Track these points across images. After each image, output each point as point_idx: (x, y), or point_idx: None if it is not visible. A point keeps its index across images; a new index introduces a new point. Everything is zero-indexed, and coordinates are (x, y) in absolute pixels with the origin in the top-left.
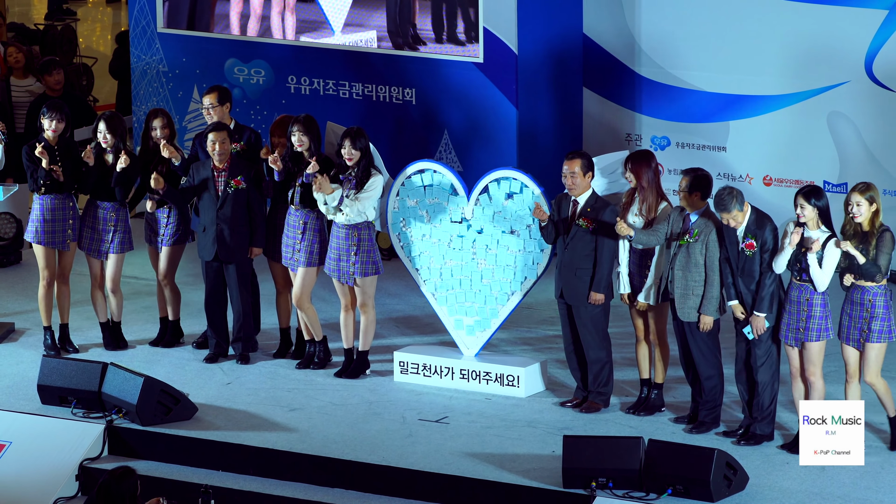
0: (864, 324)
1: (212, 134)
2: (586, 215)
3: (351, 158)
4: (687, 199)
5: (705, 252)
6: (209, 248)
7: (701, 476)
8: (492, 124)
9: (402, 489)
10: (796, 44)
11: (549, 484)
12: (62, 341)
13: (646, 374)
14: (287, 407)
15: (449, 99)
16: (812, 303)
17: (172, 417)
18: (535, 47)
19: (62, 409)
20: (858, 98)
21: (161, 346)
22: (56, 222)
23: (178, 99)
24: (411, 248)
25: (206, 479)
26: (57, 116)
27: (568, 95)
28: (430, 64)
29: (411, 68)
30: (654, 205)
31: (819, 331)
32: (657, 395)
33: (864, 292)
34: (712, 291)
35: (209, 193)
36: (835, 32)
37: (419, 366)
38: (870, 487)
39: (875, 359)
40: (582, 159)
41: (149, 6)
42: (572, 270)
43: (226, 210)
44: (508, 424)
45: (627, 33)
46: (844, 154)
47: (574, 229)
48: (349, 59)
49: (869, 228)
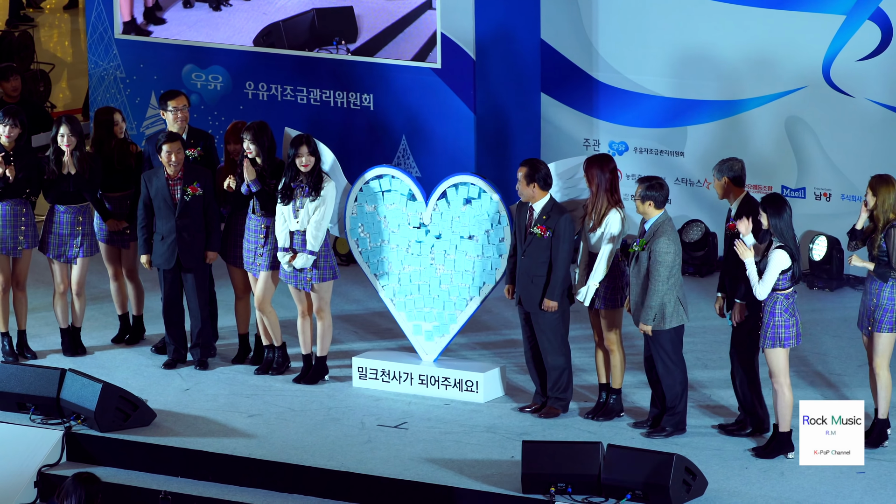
0: (871, 314)
1: (166, 145)
2: (542, 223)
3: (307, 165)
4: (641, 207)
5: (648, 261)
6: (168, 256)
7: (660, 481)
8: (450, 130)
9: (362, 495)
10: (754, 49)
11: (509, 489)
12: (20, 347)
13: (604, 378)
14: (246, 413)
15: (407, 104)
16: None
17: (131, 423)
18: (493, 53)
19: (20, 416)
20: (816, 103)
21: (124, 345)
22: (7, 228)
23: (136, 105)
24: (369, 254)
25: (166, 485)
26: (11, 122)
27: (526, 101)
28: (387, 69)
29: (369, 74)
30: (602, 210)
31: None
32: (615, 399)
33: (872, 282)
34: (649, 301)
35: (166, 202)
36: (792, 38)
37: (378, 371)
38: (829, 493)
39: (882, 349)
40: (527, 168)
41: (106, 12)
42: (529, 277)
43: (184, 218)
44: (467, 430)
45: (585, 38)
46: (802, 159)
47: (530, 237)
48: (306, 65)
49: (877, 219)
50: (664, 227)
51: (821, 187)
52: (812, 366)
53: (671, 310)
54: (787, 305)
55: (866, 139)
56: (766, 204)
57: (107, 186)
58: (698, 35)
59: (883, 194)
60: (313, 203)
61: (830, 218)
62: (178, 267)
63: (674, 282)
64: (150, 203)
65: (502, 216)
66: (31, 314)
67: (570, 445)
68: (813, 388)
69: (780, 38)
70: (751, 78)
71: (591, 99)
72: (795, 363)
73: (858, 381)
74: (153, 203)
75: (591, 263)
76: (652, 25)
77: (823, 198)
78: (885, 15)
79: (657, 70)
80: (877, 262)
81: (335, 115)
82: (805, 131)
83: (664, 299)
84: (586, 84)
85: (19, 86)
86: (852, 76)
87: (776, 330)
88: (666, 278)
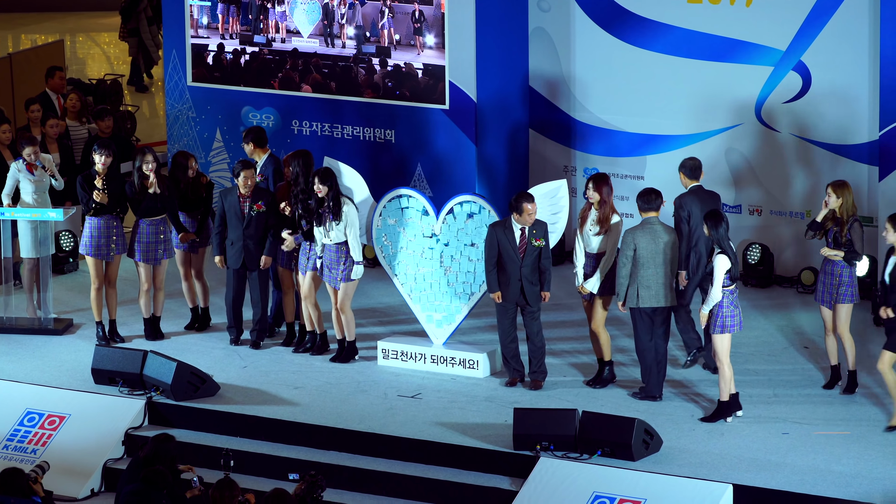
0: (833, 289)
1: (243, 171)
2: (535, 236)
3: (320, 191)
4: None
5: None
6: (235, 258)
7: (624, 440)
8: (456, 159)
9: (385, 451)
10: (700, 93)
11: (503, 447)
12: (111, 333)
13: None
14: (292, 386)
15: (422, 138)
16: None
17: (200, 394)
18: (491, 96)
19: (111, 388)
20: (750, 137)
21: (194, 331)
22: (101, 238)
23: (204, 139)
24: (391, 258)
25: (227, 443)
26: (106, 153)
27: (517, 135)
28: (406, 110)
29: (391, 114)
30: (608, 216)
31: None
32: (609, 370)
33: (834, 265)
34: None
35: (236, 215)
36: (731, 84)
37: (398, 352)
38: (760, 449)
39: (844, 317)
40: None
41: (180, 63)
42: (530, 281)
43: (249, 228)
44: (470, 399)
45: (565, 86)
46: (738, 181)
47: (531, 249)
48: (341, 107)
49: (841, 216)
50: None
51: (754, 204)
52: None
53: (633, 292)
54: (732, 299)
55: (790, 166)
56: (706, 218)
57: (182, 208)
58: (655, 82)
59: (844, 195)
60: (339, 224)
61: (762, 229)
62: (244, 267)
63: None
64: (224, 215)
65: None
66: (119, 307)
67: (552, 411)
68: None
69: (720, 84)
70: (697, 116)
71: (569, 134)
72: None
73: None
74: (226, 215)
75: (588, 262)
76: (618, 75)
77: (756, 213)
78: (806, 67)
79: (622, 110)
80: (846, 251)
81: (364, 147)
82: (741, 159)
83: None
84: (565, 122)
85: (111, 125)
86: (779, 115)
87: (723, 319)
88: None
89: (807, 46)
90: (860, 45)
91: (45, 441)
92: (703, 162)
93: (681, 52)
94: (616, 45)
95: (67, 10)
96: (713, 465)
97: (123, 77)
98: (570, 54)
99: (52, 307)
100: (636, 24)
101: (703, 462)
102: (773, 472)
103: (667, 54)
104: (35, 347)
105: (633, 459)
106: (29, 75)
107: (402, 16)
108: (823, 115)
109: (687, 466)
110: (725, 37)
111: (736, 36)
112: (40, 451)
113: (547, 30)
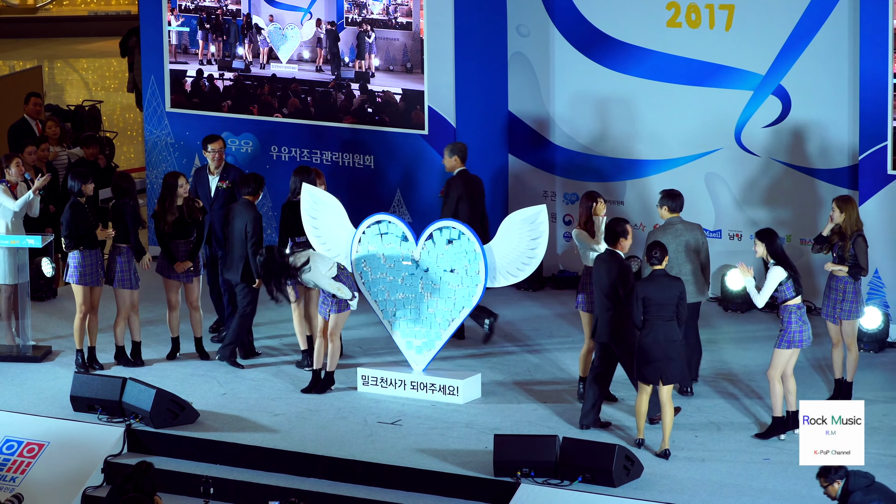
0: (837, 304)
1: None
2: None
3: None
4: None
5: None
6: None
7: (605, 466)
8: (435, 184)
9: (365, 478)
10: (680, 118)
11: (483, 473)
12: (90, 360)
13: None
14: (271, 413)
15: (400, 164)
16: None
17: (179, 421)
18: (470, 122)
19: (90, 416)
20: (729, 162)
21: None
22: (86, 266)
23: (182, 165)
24: (371, 284)
25: (207, 471)
26: (91, 180)
27: (496, 160)
28: (385, 135)
29: (370, 139)
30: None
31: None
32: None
33: (838, 280)
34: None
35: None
36: (710, 109)
37: (378, 378)
38: (741, 475)
39: (851, 332)
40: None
41: (159, 91)
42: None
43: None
44: (450, 426)
45: (544, 110)
46: (718, 206)
47: None
48: (320, 132)
49: (845, 231)
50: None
51: (733, 229)
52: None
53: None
54: (800, 314)
55: (770, 190)
56: (761, 237)
57: (178, 234)
58: (634, 107)
59: (849, 210)
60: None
61: (742, 254)
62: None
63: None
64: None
65: (477, 253)
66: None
67: (532, 438)
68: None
69: (700, 109)
70: (677, 141)
71: (548, 159)
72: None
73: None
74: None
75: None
76: (597, 100)
77: (736, 238)
78: (786, 91)
79: (601, 135)
80: (850, 266)
81: (343, 172)
82: (721, 184)
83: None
84: (545, 147)
85: (97, 151)
86: (759, 140)
87: (791, 335)
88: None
89: (786, 70)
90: (840, 69)
91: (24, 469)
92: (683, 186)
93: (661, 76)
94: (596, 70)
95: (45, 37)
96: (694, 492)
97: (101, 103)
98: (549, 79)
99: (30, 334)
100: (616, 48)
101: (684, 488)
102: (755, 497)
103: (647, 79)
104: (13, 375)
105: (614, 486)
106: (7, 101)
107: (382, 41)
108: (803, 139)
109: (668, 493)
110: (705, 61)
111: (716, 60)
112: (19, 478)
113: (526, 55)
